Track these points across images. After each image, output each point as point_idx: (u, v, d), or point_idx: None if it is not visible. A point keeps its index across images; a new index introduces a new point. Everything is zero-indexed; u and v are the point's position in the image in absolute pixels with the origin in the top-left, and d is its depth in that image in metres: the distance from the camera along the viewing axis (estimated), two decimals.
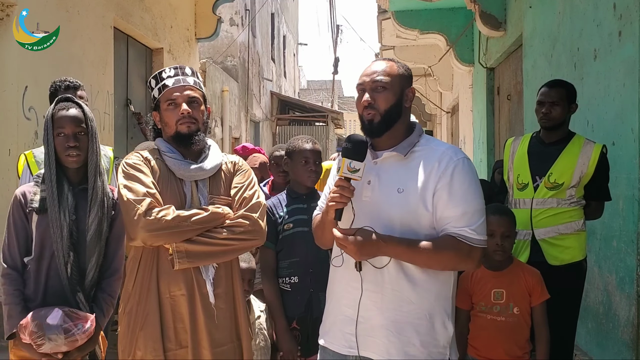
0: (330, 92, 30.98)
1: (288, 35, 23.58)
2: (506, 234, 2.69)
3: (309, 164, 2.82)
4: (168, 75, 2.27)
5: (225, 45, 13.42)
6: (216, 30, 9.46)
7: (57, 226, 2.20)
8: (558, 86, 3.25)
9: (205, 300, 2.18)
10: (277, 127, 18.64)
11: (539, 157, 3.20)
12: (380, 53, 12.17)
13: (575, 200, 3.13)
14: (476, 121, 8.96)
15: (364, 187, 1.94)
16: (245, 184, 2.30)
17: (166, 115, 2.24)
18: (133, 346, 2.16)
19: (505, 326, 2.64)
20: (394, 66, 1.98)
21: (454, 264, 1.89)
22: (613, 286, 3.68)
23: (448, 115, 13.72)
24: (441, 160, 1.89)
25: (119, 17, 6.41)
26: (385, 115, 1.93)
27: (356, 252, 1.83)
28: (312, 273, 2.73)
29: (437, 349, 1.90)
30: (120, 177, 2.17)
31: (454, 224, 1.85)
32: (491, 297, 2.67)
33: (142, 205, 2.06)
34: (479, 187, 1.92)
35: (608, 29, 3.79)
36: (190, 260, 2.10)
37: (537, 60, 5.51)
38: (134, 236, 2.08)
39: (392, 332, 1.89)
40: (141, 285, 2.17)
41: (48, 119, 2.25)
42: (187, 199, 2.22)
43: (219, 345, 2.20)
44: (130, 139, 7.20)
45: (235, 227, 2.16)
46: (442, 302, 1.92)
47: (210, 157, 2.30)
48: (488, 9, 6.83)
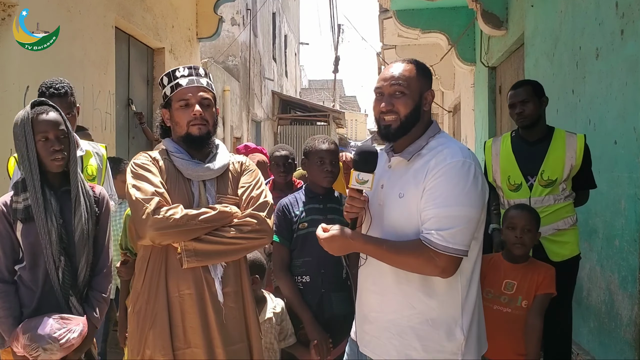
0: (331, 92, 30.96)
1: (289, 34, 23.57)
2: (527, 228, 2.71)
3: (325, 165, 2.82)
4: (182, 74, 2.28)
5: (226, 45, 13.42)
6: (217, 29, 9.45)
7: (46, 232, 2.19)
8: (523, 85, 3.36)
9: (214, 299, 2.19)
10: (279, 127, 18.63)
11: (527, 157, 3.24)
12: (382, 52, 12.16)
13: (568, 194, 3.19)
14: (478, 120, 8.95)
15: (378, 192, 1.97)
16: (252, 184, 2.31)
17: (177, 114, 2.25)
18: (142, 345, 2.17)
19: (510, 318, 2.63)
20: (412, 69, 1.95)
21: (415, 267, 1.82)
22: (615, 285, 3.68)
23: (450, 114, 13.71)
24: (435, 162, 1.84)
25: (121, 16, 6.41)
26: (404, 122, 1.91)
27: (327, 247, 1.91)
28: (324, 274, 2.73)
29: (444, 356, 1.85)
30: (129, 177, 2.19)
31: (426, 225, 1.80)
32: (502, 286, 2.68)
33: (150, 204, 2.08)
34: (466, 193, 1.78)
35: (610, 27, 3.78)
36: (199, 258, 2.11)
37: (539, 59, 5.50)
38: (143, 235, 2.09)
39: (394, 335, 1.90)
40: (150, 284, 2.19)
41: (26, 123, 2.20)
42: (195, 199, 2.23)
43: (232, 343, 2.21)
44: (131, 138, 7.20)
45: (244, 226, 2.17)
46: (447, 309, 1.86)
47: (218, 157, 2.31)
48: (489, 8, 6.82)
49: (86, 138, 4.01)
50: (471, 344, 1.89)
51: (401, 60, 2.02)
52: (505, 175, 3.28)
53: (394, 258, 1.83)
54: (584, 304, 4.12)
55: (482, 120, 8.47)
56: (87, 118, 5.45)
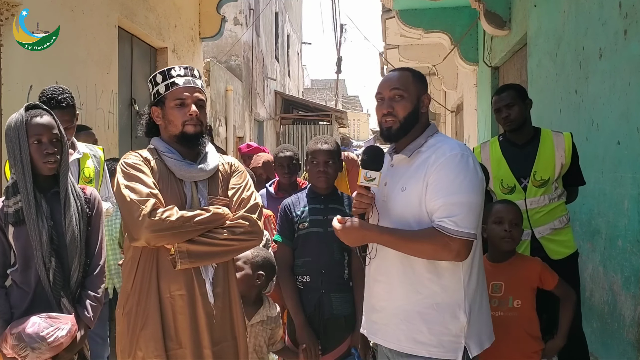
0: (334, 91, 30.96)
1: (292, 34, 23.58)
2: (515, 222, 2.68)
3: (318, 165, 2.82)
4: (178, 74, 2.28)
5: (229, 45, 13.43)
6: (220, 29, 9.46)
7: (36, 234, 2.20)
8: (506, 89, 3.44)
9: (205, 299, 2.20)
10: (281, 127, 18.63)
11: (517, 159, 3.28)
12: (385, 52, 12.15)
13: (560, 193, 3.24)
14: (480, 120, 8.94)
15: (382, 189, 2.12)
16: (242, 185, 2.33)
17: (172, 113, 2.25)
18: (134, 347, 2.16)
19: (504, 322, 2.53)
20: (409, 76, 2.14)
21: (430, 253, 1.96)
22: (618, 286, 3.67)
23: (452, 114, 13.71)
24: (435, 157, 2.00)
25: (123, 16, 6.42)
26: (404, 123, 2.09)
27: (343, 238, 2.04)
28: (324, 274, 2.74)
29: (449, 337, 1.98)
30: (120, 177, 2.16)
31: (436, 214, 1.94)
32: (489, 289, 2.62)
33: (146, 206, 2.06)
34: (469, 181, 1.95)
35: (613, 27, 3.77)
36: (192, 260, 2.11)
37: (542, 59, 5.49)
38: (138, 236, 2.07)
39: (402, 320, 2.02)
40: (141, 285, 2.18)
41: (20, 126, 2.21)
42: (188, 200, 2.23)
43: (218, 343, 2.23)
44: (134, 138, 7.21)
45: (236, 228, 2.19)
46: (450, 293, 1.99)
47: (208, 158, 2.32)
48: (493, 7, 6.81)
49: (90, 138, 4.02)
50: (473, 329, 2.01)
51: (397, 69, 2.24)
52: (498, 179, 3.31)
53: (410, 245, 1.97)
54: (587, 305, 4.11)
55: (485, 120, 8.46)
56: (90, 117, 5.46)
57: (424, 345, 1.98)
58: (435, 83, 13.39)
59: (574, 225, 3.57)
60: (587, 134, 4.13)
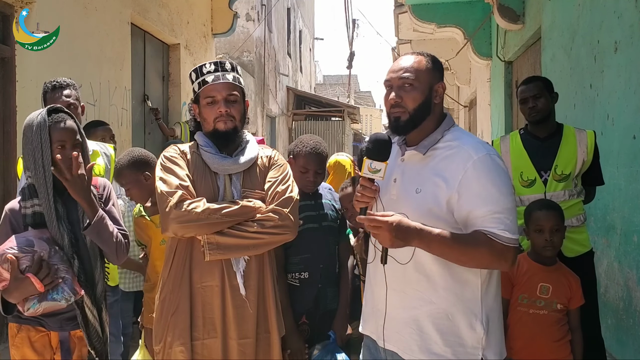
0: (346, 87, 30.90)
1: (304, 29, 23.55)
2: (555, 228, 2.66)
3: (308, 175, 2.73)
4: (208, 70, 2.31)
5: (241, 41, 13.45)
6: (232, 25, 9.48)
7: (59, 238, 2.20)
8: (534, 80, 3.38)
9: (235, 291, 2.23)
10: (293, 122, 18.63)
11: (539, 153, 3.23)
12: (397, 47, 12.10)
13: (580, 190, 3.20)
14: (494, 115, 8.88)
15: (391, 185, 1.95)
16: (279, 178, 2.32)
17: (204, 111, 2.30)
18: (165, 331, 2.23)
19: (548, 320, 2.58)
20: (422, 61, 1.92)
21: (487, 262, 1.80)
22: (633, 282, 3.63)
23: (466, 109, 13.62)
24: (460, 160, 1.82)
25: (136, 13, 6.45)
26: (413, 115, 1.89)
27: (390, 234, 1.74)
28: (323, 268, 2.72)
29: (464, 349, 1.85)
30: (158, 169, 2.26)
31: (485, 224, 1.78)
32: (537, 290, 2.62)
33: (173, 198, 2.13)
34: (504, 183, 1.82)
35: (629, 20, 3.72)
36: (221, 251, 2.15)
37: (556, 53, 5.44)
38: (166, 227, 2.15)
39: (414, 330, 1.89)
40: (175, 274, 2.24)
41: (43, 130, 2.18)
42: (220, 192, 2.27)
43: (245, 337, 2.24)
44: (147, 134, 7.25)
45: (266, 221, 2.20)
46: (466, 303, 1.86)
47: (246, 151, 2.34)
48: (506, 1, 6.76)
49: (107, 133, 4.07)
50: (492, 340, 1.87)
51: (411, 52, 2.01)
52: (518, 171, 3.26)
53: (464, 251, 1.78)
54: (602, 301, 4.07)
55: (499, 115, 8.40)
56: (104, 114, 5.50)
57: (438, 356, 1.85)
58: (449, 78, 13.30)
59: (588, 221, 3.53)
60: (602, 129, 4.08)
